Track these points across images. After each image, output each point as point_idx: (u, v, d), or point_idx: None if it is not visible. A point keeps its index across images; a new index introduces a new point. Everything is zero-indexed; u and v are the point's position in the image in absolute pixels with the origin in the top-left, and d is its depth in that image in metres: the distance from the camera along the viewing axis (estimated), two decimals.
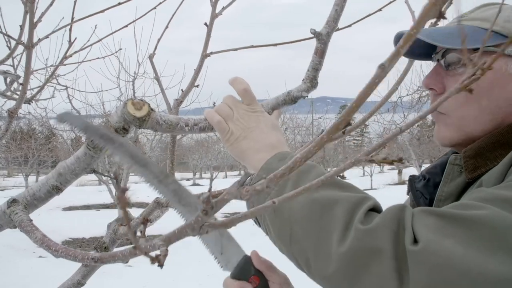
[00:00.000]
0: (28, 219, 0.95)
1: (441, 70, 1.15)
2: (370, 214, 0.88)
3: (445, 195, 1.13)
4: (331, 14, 1.08)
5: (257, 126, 1.11)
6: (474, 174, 1.07)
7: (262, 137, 1.10)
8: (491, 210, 0.80)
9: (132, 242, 0.56)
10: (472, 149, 1.09)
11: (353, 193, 0.94)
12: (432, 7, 0.42)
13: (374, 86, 0.46)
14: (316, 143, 0.51)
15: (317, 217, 0.90)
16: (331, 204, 0.90)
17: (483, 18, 1.09)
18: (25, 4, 1.61)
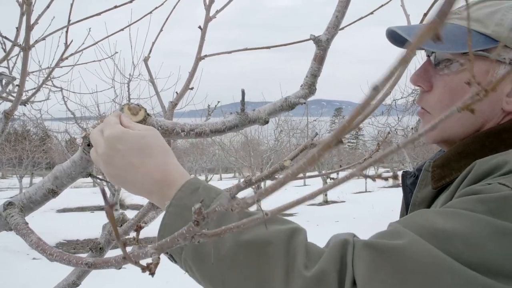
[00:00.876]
0: (24, 222, 0.95)
1: (430, 67, 1.15)
2: (309, 252, 0.85)
3: (419, 200, 1.15)
4: (332, 20, 1.07)
5: (126, 164, 0.96)
6: (439, 184, 1.09)
7: (142, 176, 0.96)
8: (411, 239, 0.79)
9: (122, 253, 0.56)
10: (441, 159, 1.11)
11: (280, 226, 0.89)
12: (429, 30, 0.43)
13: (367, 107, 0.47)
14: (307, 160, 0.51)
15: (252, 262, 0.84)
16: (264, 245, 0.85)
17: (475, 18, 1.06)
18: (21, 6, 1.61)
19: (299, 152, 1.21)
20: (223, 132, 1.10)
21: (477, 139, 1.07)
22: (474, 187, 0.89)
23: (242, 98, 1.07)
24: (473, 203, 0.83)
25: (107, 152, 0.96)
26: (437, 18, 0.47)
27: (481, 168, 0.94)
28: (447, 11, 0.46)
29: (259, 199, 0.57)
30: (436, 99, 1.13)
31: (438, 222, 0.82)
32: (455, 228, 0.80)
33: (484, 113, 1.08)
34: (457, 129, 1.11)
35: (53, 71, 2.56)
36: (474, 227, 0.79)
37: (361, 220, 14.14)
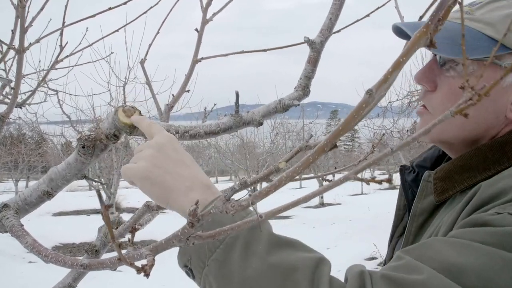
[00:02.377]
0: (19, 224, 0.95)
1: (435, 66, 1.13)
2: (332, 283, 0.85)
3: (419, 211, 1.14)
4: (325, 23, 1.07)
5: (178, 158, 0.98)
6: (442, 197, 1.09)
7: (189, 173, 0.97)
8: (430, 275, 0.80)
9: (118, 254, 0.56)
10: (442, 171, 1.10)
11: (307, 254, 0.89)
12: (423, 35, 0.43)
13: (361, 111, 0.47)
14: (302, 163, 0.51)
15: (277, 286, 0.84)
16: (291, 270, 0.85)
17: (487, 21, 1.03)
18: (16, 8, 1.61)
19: (294, 154, 1.21)
20: (218, 134, 1.10)
21: (479, 151, 1.05)
22: (483, 216, 0.88)
23: (236, 100, 1.07)
24: (484, 236, 0.83)
25: (163, 142, 0.98)
26: (430, 22, 0.47)
27: (487, 192, 0.93)
28: (440, 17, 0.46)
29: (253, 202, 0.57)
30: (439, 100, 1.11)
31: (450, 256, 0.82)
32: (468, 262, 0.80)
33: (487, 119, 1.06)
34: (457, 133, 1.10)
35: (49, 73, 2.56)
36: (487, 260, 0.80)
37: (357, 222, 14.15)
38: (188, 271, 0.96)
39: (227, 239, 0.89)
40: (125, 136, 1.10)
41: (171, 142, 0.99)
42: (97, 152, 1.04)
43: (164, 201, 0.96)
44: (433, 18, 0.44)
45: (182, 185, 0.95)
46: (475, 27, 1.04)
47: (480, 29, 1.03)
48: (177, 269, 0.98)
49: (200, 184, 0.96)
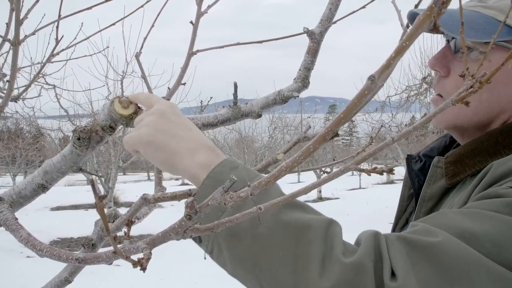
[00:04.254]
0: (14, 217, 0.94)
1: (449, 52, 1.15)
2: (346, 243, 0.85)
3: (428, 196, 1.16)
4: (325, 13, 1.06)
5: (180, 121, 0.97)
6: (453, 180, 1.10)
7: (193, 135, 0.96)
8: (445, 238, 0.81)
9: (113, 247, 0.55)
10: (453, 155, 1.12)
11: (318, 216, 0.89)
12: (427, 18, 0.42)
13: (364, 98, 0.45)
14: (302, 152, 0.50)
15: (290, 244, 0.83)
16: (304, 229, 0.84)
17: (500, 8, 1.06)
18: (11, 1, 1.60)
19: (292, 145, 1.20)
20: (216, 125, 1.09)
21: (490, 136, 1.08)
22: (497, 189, 0.89)
23: (234, 91, 1.06)
24: (498, 206, 0.85)
25: (164, 108, 0.97)
26: (434, 5, 0.46)
27: (499, 170, 0.95)
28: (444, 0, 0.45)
29: (253, 193, 0.56)
30: (453, 85, 1.13)
31: (465, 223, 0.84)
32: (482, 228, 0.82)
33: (500, 103, 1.08)
34: (471, 117, 1.12)
35: (45, 66, 2.55)
36: (502, 228, 0.81)
37: (355, 217, 14.16)
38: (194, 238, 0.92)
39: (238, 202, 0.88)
40: (123, 129, 1.09)
41: (172, 108, 0.98)
42: (93, 144, 1.03)
43: (169, 165, 0.95)
44: (437, 1, 0.42)
45: (186, 147, 0.94)
46: (489, 14, 1.07)
47: (494, 16, 1.06)
48: (174, 262, 0.97)
49: (204, 146, 0.95)
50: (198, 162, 0.92)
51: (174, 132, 0.95)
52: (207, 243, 0.90)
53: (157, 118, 0.95)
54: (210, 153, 0.94)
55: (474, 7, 1.11)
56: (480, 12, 1.08)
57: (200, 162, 0.92)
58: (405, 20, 1.31)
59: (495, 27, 1.03)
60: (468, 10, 1.11)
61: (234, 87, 1.05)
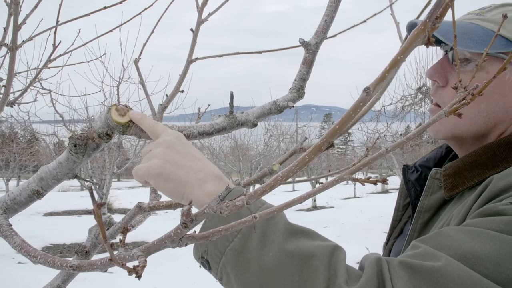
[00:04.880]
0: (8, 223, 0.93)
1: (447, 63, 1.17)
2: (349, 270, 0.87)
3: (425, 207, 1.17)
4: (321, 24, 1.07)
5: (188, 152, 1.00)
6: (452, 193, 1.11)
7: (201, 165, 0.99)
8: (447, 262, 0.82)
9: (109, 254, 0.55)
10: (452, 168, 1.13)
11: (322, 242, 0.91)
12: (421, 32, 0.42)
13: (359, 109, 0.46)
14: (298, 162, 0.50)
15: (295, 273, 0.86)
16: (308, 257, 0.86)
17: (497, 21, 1.09)
18: (9, 6, 1.60)
19: (288, 156, 1.20)
20: (212, 134, 1.09)
21: (488, 149, 1.09)
22: (497, 206, 0.90)
23: (230, 100, 1.06)
24: (499, 224, 0.86)
25: (171, 139, 0.99)
26: (428, 20, 0.47)
27: (499, 184, 0.96)
28: (438, 14, 0.46)
29: (248, 202, 0.56)
30: (450, 95, 1.15)
31: (466, 244, 0.84)
32: (484, 249, 0.82)
33: (497, 114, 1.10)
34: (469, 127, 1.13)
35: (41, 72, 2.55)
36: (503, 247, 0.82)
37: (350, 226, 14.16)
38: (204, 262, 0.96)
39: (243, 229, 0.91)
40: (118, 136, 1.09)
41: (179, 138, 1.01)
42: (89, 151, 1.03)
43: (179, 195, 0.97)
44: (430, 16, 0.43)
45: (195, 178, 0.96)
46: (487, 26, 1.09)
47: (491, 28, 1.09)
48: (169, 271, 0.99)
49: (212, 175, 0.97)
50: (207, 192, 0.95)
51: (183, 163, 0.97)
52: (216, 271, 0.93)
53: (165, 149, 0.98)
54: (218, 182, 0.97)
55: (472, 19, 1.13)
56: (478, 25, 1.10)
57: (209, 191, 0.95)
58: (403, 32, 1.32)
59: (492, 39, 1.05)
60: (466, 22, 1.12)
61: (231, 96, 1.05)
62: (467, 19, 1.14)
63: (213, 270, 0.94)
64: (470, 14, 1.16)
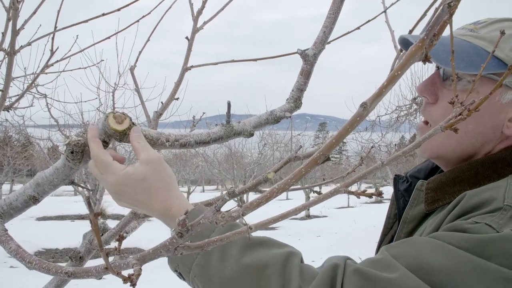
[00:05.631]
0: (3, 228, 0.94)
1: (438, 80, 1.16)
2: (303, 274, 0.94)
3: (410, 218, 1.18)
4: (319, 36, 1.07)
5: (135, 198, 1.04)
6: (432, 207, 1.12)
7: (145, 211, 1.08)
8: (401, 274, 0.86)
9: (104, 263, 0.56)
10: (435, 182, 1.14)
11: (278, 250, 0.99)
12: (418, 49, 0.43)
13: (355, 124, 0.47)
14: (294, 175, 0.51)
15: (252, 284, 0.94)
16: (262, 268, 0.95)
17: (490, 40, 1.07)
18: (8, 11, 1.60)
19: (283, 164, 1.21)
20: (208, 143, 1.10)
21: (471, 166, 1.09)
22: (463, 224, 0.93)
23: (228, 110, 1.06)
24: (459, 240, 0.88)
25: (114, 190, 1.04)
26: (426, 37, 0.48)
27: (470, 202, 0.98)
28: (436, 31, 0.47)
29: (244, 213, 0.56)
30: (439, 113, 1.15)
31: (426, 255, 0.88)
32: (441, 262, 0.86)
33: (484, 134, 1.10)
34: (456, 147, 1.13)
35: (38, 77, 2.55)
36: (458, 263, 0.85)
37: (343, 235, 14.15)
38: (178, 275, 1.06)
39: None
40: (113, 142, 1.09)
41: (120, 189, 1.04)
42: (86, 158, 1.03)
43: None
44: (428, 33, 0.44)
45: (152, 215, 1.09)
46: (479, 44, 1.08)
47: (484, 47, 1.07)
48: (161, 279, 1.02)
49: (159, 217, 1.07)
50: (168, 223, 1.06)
51: (133, 207, 1.08)
52: (189, 282, 1.04)
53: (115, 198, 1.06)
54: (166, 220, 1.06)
55: (464, 35, 1.12)
56: (471, 42, 1.09)
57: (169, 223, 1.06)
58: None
59: (484, 59, 1.04)
60: (458, 38, 1.11)
61: (228, 106, 1.06)
62: (460, 34, 1.13)
63: (186, 281, 1.05)
64: (464, 28, 1.15)
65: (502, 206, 0.93)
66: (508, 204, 0.93)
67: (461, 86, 1.09)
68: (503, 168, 1.06)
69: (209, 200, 1.36)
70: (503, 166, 1.06)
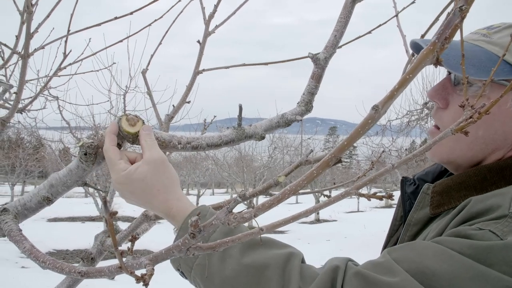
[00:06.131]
0: (18, 228, 0.95)
1: (449, 85, 1.16)
2: (303, 275, 0.95)
3: (414, 221, 1.17)
4: (330, 39, 1.07)
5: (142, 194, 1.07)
6: (437, 211, 1.12)
7: (149, 209, 1.11)
8: (402, 278, 0.86)
9: (119, 262, 0.56)
10: (441, 185, 1.13)
11: (279, 250, 1.00)
12: (430, 53, 0.43)
13: (367, 127, 0.47)
14: (306, 177, 0.52)
15: (252, 284, 0.96)
16: (263, 268, 0.96)
17: (503, 45, 1.06)
18: (22, 14, 1.62)
19: (294, 168, 1.21)
20: (220, 146, 1.11)
21: (479, 171, 1.08)
22: (466, 229, 0.92)
23: (239, 113, 1.07)
24: (462, 246, 0.88)
25: (118, 187, 1.07)
26: (437, 41, 0.48)
27: (475, 207, 0.97)
28: (447, 35, 0.47)
29: (256, 214, 0.57)
30: (450, 118, 1.14)
31: (428, 259, 0.88)
32: (442, 267, 0.86)
33: (495, 140, 1.09)
34: (466, 152, 1.12)
35: (51, 80, 2.57)
36: (460, 269, 0.85)
37: (352, 239, 14.10)
38: (181, 274, 1.10)
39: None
40: (124, 145, 1.10)
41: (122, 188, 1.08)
42: (99, 160, 1.05)
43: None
44: (440, 37, 0.44)
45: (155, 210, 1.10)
46: (491, 50, 1.07)
47: (496, 52, 1.06)
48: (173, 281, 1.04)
49: (162, 216, 1.10)
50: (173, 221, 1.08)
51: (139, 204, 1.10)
52: (191, 281, 1.07)
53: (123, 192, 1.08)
54: (169, 220, 1.09)
55: (477, 41, 1.11)
56: (483, 48, 1.08)
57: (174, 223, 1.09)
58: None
59: (496, 65, 1.03)
60: (470, 43, 1.11)
61: (239, 109, 1.07)
62: (473, 39, 1.12)
63: (188, 279, 1.07)
64: (477, 33, 1.13)
65: (507, 214, 0.92)
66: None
67: (472, 92, 1.08)
68: (511, 175, 1.05)
69: (220, 203, 1.37)
70: (511, 173, 1.05)
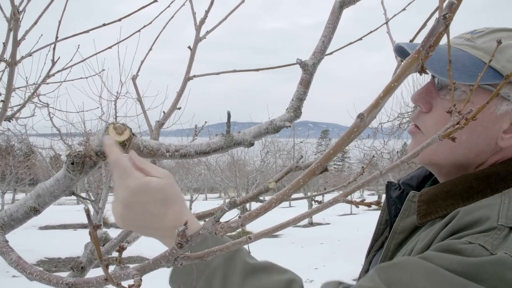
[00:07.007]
0: (4, 240, 0.94)
1: (433, 89, 1.16)
2: None
3: (400, 229, 1.16)
4: (318, 45, 1.07)
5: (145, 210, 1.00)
6: (424, 220, 1.11)
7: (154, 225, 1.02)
8: None
9: (105, 274, 0.56)
10: (428, 194, 1.13)
11: (279, 276, 1.01)
12: (414, 61, 0.43)
13: (353, 135, 0.47)
14: (292, 185, 0.51)
15: None
16: None
17: (487, 50, 1.06)
18: (9, 21, 1.61)
19: (284, 174, 1.21)
20: (208, 153, 1.10)
21: (465, 179, 1.08)
22: (456, 244, 0.91)
23: (227, 120, 1.06)
24: (452, 263, 0.87)
25: (129, 199, 0.99)
26: (422, 48, 0.48)
27: (464, 219, 0.97)
28: (432, 43, 0.47)
29: (243, 224, 0.57)
30: (432, 122, 1.14)
31: (418, 281, 0.87)
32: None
33: (478, 145, 1.09)
34: (448, 156, 1.12)
35: (39, 87, 2.56)
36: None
37: (346, 242, 14.12)
38: None
39: (207, 273, 1.02)
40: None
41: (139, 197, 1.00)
42: (87, 169, 1.04)
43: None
44: (424, 44, 0.44)
45: (154, 234, 1.04)
46: (475, 55, 1.07)
47: (480, 57, 1.06)
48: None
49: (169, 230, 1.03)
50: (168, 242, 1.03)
51: (139, 222, 1.02)
52: None
53: (124, 211, 1.00)
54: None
55: (461, 45, 1.11)
56: (467, 52, 1.08)
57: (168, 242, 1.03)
58: None
59: (480, 69, 1.03)
60: (454, 48, 1.11)
61: (228, 116, 1.06)
62: (457, 44, 1.12)
63: None
64: (461, 38, 1.14)
65: (496, 226, 0.92)
66: (502, 224, 0.92)
67: (457, 96, 1.08)
68: (496, 183, 1.05)
69: (211, 210, 1.36)
70: (497, 181, 1.05)
